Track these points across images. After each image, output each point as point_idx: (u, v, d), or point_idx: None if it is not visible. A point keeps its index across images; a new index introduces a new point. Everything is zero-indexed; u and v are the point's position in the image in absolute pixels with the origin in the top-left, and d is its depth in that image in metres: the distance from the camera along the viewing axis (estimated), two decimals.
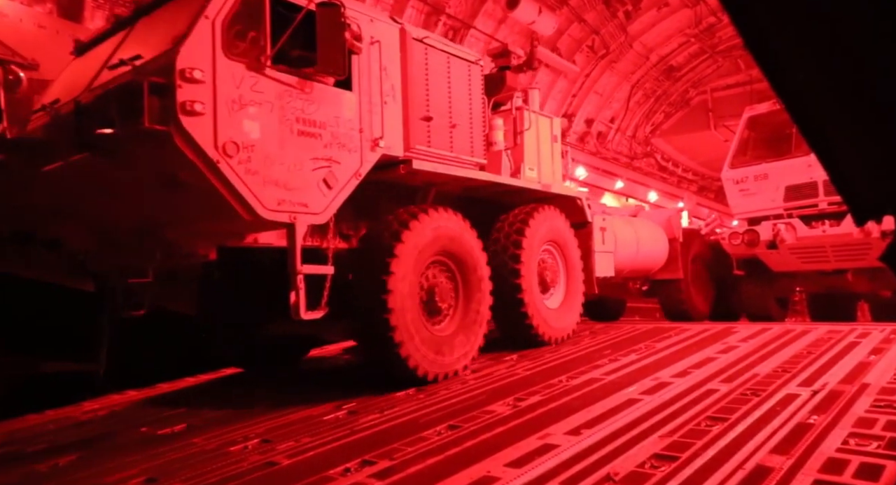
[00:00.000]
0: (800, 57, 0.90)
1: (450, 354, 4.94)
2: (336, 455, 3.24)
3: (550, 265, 6.56)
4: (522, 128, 6.61)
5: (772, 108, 8.97)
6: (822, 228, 8.07)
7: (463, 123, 5.55)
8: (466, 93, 5.67)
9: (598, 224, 7.50)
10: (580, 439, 3.16)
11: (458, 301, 5.20)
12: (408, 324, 4.54)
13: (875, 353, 4.89)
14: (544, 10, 12.83)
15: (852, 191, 1.02)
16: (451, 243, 5.06)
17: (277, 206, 3.98)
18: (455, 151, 5.43)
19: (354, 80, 4.54)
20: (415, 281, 4.70)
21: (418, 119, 5.04)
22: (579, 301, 6.84)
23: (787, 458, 2.71)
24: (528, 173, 6.57)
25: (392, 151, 4.81)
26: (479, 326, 5.27)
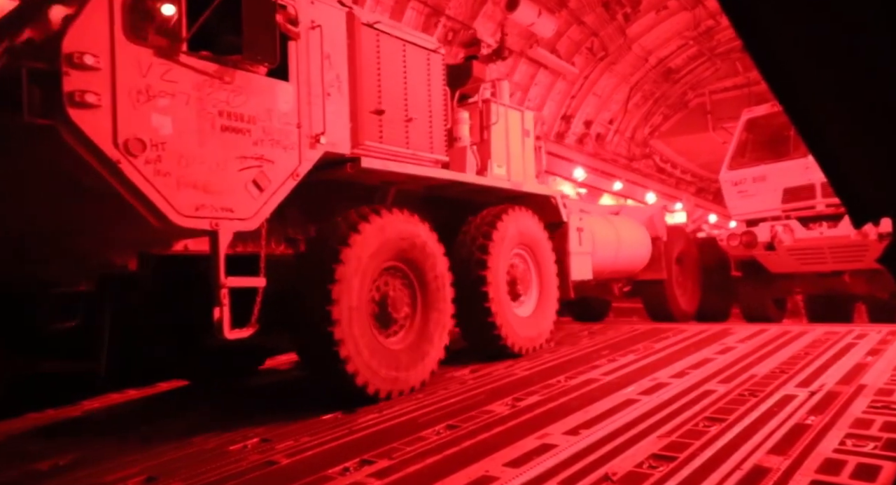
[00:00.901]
0: (799, 59, 0.91)
1: (405, 369, 4.53)
2: (335, 455, 3.25)
3: (521, 271, 6.14)
4: (489, 122, 6.11)
5: (770, 111, 8.99)
6: (819, 230, 8.10)
7: (421, 116, 5.08)
8: (425, 84, 5.17)
9: (574, 224, 7.08)
10: (578, 439, 3.18)
11: (416, 311, 4.79)
12: (356, 337, 4.15)
13: (872, 354, 4.91)
14: (544, 12, 12.85)
15: (850, 193, 1.03)
16: (407, 248, 4.66)
17: (195, 211, 3.52)
18: (412, 147, 4.98)
19: (291, 69, 4.08)
20: (365, 289, 4.30)
21: (368, 113, 4.59)
22: (553, 309, 6.42)
23: (785, 458, 2.72)
24: (496, 171, 6.13)
25: (337, 148, 4.37)
26: (439, 338, 4.87)
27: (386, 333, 4.57)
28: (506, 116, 6.37)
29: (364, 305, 4.29)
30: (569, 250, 6.91)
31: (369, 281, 4.37)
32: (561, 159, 16.32)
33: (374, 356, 4.29)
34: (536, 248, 6.29)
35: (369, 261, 4.34)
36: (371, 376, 4.23)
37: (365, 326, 4.27)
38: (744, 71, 17.92)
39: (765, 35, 0.87)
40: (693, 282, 9.84)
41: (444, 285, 4.99)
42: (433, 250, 4.91)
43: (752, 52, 0.90)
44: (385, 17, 5.32)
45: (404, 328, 4.72)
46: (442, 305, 4.95)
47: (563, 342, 6.56)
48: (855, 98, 0.94)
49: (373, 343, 4.32)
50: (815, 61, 0.91)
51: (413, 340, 4.70)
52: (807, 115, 0.96)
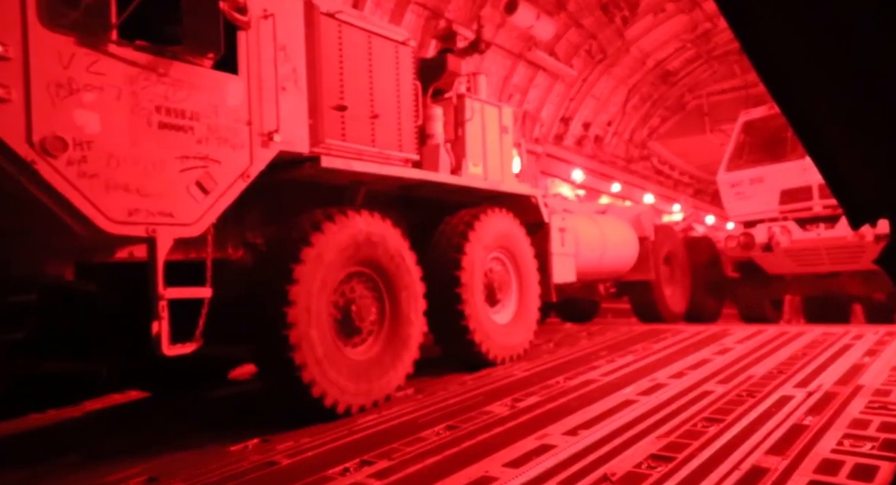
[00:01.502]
0: (796, 61, 0.93)
1: (369, 380, 4.21)
2: (335, 455, 3.25)
3: (500, 275, 5.81)
4: (464, 118, 5.78)
5: (767, 113, 9.03)
6: (816, 232, 8.13)
7: (388, 113, 4.78)
8: (393, 78, 4.86)
9: (556, 225, 6.75)
10: (578, 439, 3.19)
11: (384, 320, 4.48)
12: (314, 343, 3.85)
13: (869, 354, 4.93)
14: (542, 15, 12.88)
15: (848, 195, 1.04)
16: (375, 252, 4.37)
17: (128, 217, 3.21)
18: (378, 145, 4.67)
19: (241, 61, 3.76)
20: (326, 294, 4.00)
21: (329, 109, 4.29)
22: (534, 315, 6.10)
23: (783, 459, 2.73)
24: (471, 169, 5.80)
25: (293, 147, 4.06)
26: (408, 349, 4.56)
27: (349, 343, 4.25)
28: (482, 112, 6.03)
29: (325, 310, 3.98)
30: (551, 252, 6.63)
31: (332, 285, 4.07)
32: (559, 161, 16.36)
33: (335, 366, 3.97)
34: (516, 251, 5.98)
35: (332, 264, 4.04)
36: (329, 386, 3.91)
37: (325, 334, 3.97)
38: (741, 73, 18.00)
39: (762, 37, 0.89)
40: (682, 282, 9.63)
41: (415, 295, 4.68)
42: (404, 257, 4.60)
43: (749, 54, 0.91)
44: (348, 7, 4.88)
45: (370, 338, 4.40)
46: (412, 315, 4.63)
47: (562, 343, 6.58)
48: (852, 100, 0.95)
49: (334, 352, 4.01)
50: (813, 63, 0.93)
51: (379, 352, 4.39)
52: (804, 117, 0.97)
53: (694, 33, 16.64)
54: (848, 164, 1.04)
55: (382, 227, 4.47)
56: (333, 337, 4.08)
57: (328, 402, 3.91)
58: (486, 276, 5.63)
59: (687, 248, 9.86)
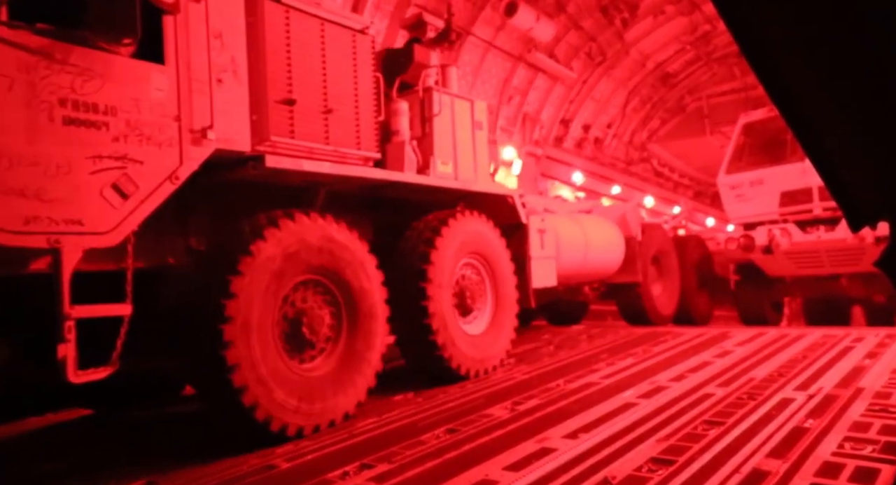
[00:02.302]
0: (795, 63, 0.92)
1: (324, 399, 3.86)
2: (335, 459, 3.25)
3: (473, 282, 5.41)
4: (431, 113, 5.37)
5: (767, 115, 9.04)
6: (816, 234, 8.13)
7: (344, 107, 4.38)
8: (349, 70, 4.45)
9: (535, 226, 6.34)
10: (578, 442, 3.18)
11: (341, 332, 4.13)
12: (256, 362, 3.50)
13: (870, 357, 4.92)
14: (542, 17, 12.90)
15: (848, 197, 1.04)
16: (330, 258, 4.02)
17: (25, 225, 2.82)
18: (333, 142, 4.28)
19: (168, 49, 3.36)
20: (272, 306, 3.65)
21: (275, 103, 3.93)
22: (511, 324, 5.69)
23: (783, 462, 2.73)
24: (440, 168, 5.37)
25: (232, 145, 3.67)
26: (368, 363, 4.22)
27: (300, 358, 3.89)
28: (452, 107, 5.58)
29: (271, 324, 3.63)
30: (529, 255, 6.23)
31: (278, 296, 3.71)
32: (559, 163, 16.37)
33: (283, 386, 3.62)
34: (491, 256, 5.57)
35: (279, 272, 3.69)
36: (276, 409, 3.55)
37: (271, 349, 3.62)
38: (741, 75, 18.02)
39: (761, 39, 0.88)
40: (671, 283, 9.30)
41: (375, 303, 4.31)
42: (363, 262, 4.24)
43: (747, 56, 0.91)
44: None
45: (325, 352, 4.03)
46: (373, 325, 4.27)
47: (562, 346, 6.57)
48: (852, 101, 0.95)
49: (281, 370, 3.66)
50: (812, 65, 0.92)
51: (336, 366, 4.03)
52: (803, 119, 0.97)
53: (694, 35, 16.66)
54: (847, 166, 1.03)
55: (338, 231, 4.11)
56: (281, 353, 3.70)
57: (275, 426, 3.55)
58: (458, 284, 5.25)
59: (677, 247, 9.56)
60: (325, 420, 3.86)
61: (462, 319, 5.25)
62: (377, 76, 4.74)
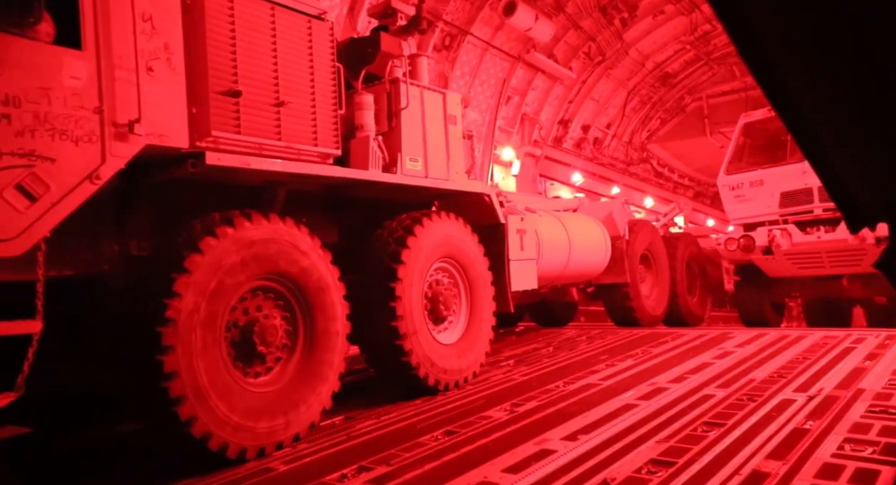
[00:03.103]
0: (793, 64, 0.91)
1: (273, 418, 3.52)
2: (333, 461, 3.24)
3: (446, 288, 5.08)
4: (398, 106, 4.99)
5: (767, 115, 9.02)
6: (817, 234, 8.11)
7: (299, 100, 4.05)
8: (305, 59, 4.12)
9: (514, 226, 6.01)
10: (577, 444, 3.17)
11: (297, 342, 3.82)
12: (199, 373, 3.20)
13: (870, 358, 4.91)
14: (541, 17, 12.89)
15: (846, 198, 1.03)
16: (285, 264, 3.71)
17: None
18: (286, 138, 3.96)
19: (86, 33, 3.04)
20: (221, 313, 3.36)
21: (218, 95, 3.58)
22: (488, 331, 5.37)
23: (783, 463, 2.72)
24: (408, 165, 5.00)
25: (166, 141, 3.33)
26: (324, 380, 3.88)
27: (250, 371, 3.58)
28: (421, 99, 5.20)
29: (217, 332, 3.33)
30: (508, 257, 5.89)
31: (227, 302, 3.41)
32: (558, 164, 16.36)
33: (227, 400, 3.31)
34: (465, 260, 5.23)
35: (229, 276, 3.40)
36: (218, 425, 3.24)
37: (217, 361, 3.31)
38: (741, 75, 18.01)
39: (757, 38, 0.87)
40: (661, 283, 8.98)
41: (334, 315, 3.99)
42: (321, 269, 3.94)
43: (743, 55, 0.90)
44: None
45: (278, 365, 3.72)
46: (332, 339, 3.95)
47: (562, 347, 6.56)
48: (849, 101, 0.94)
49: (227, 383, 3.34)
50: (809, 65, 0.91)
51: (290, 381, 3.72)
52: (800, 119, 0.96)
53: (693, 35, 16.65)
54: (845, 166, 1.02)
55: (295, 235, 3.81)
56: (228, 364, 3.40)
57: (214, 444, 3.22)
58: (430, 289, 4.93)
59: (667, 245, 9.22)
60: (272, 441, 3.51)
61: (434, 328, 4.91)
62: (337, 66, 4.35)
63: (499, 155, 14.43)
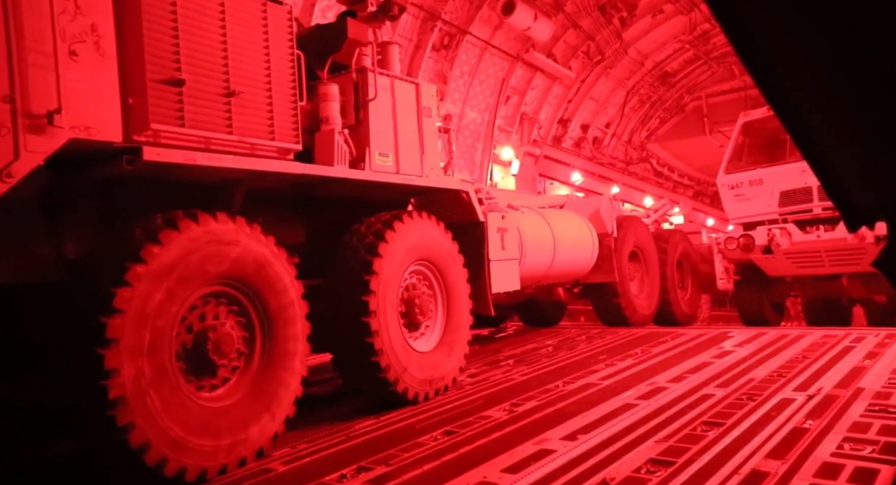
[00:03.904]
0: (789, 64, 0.91)
1: (233, 433, 3.24)
2: (332, 461, 3.24)
3: (422, 292, 4.78)
4: (366, 97, 4.63)
5: (766, 114, 9.01)
6: (816, 233, 8.11)
7: (253, 90, 3.72)
8: (259, 46, 3.78)
9: (494, 224, 5.72)
10: (576, 444, 3.17)
11: (254, 354, 3.53)
12: (146, 393, 2.89)
13: (870, 357, 4.90)
14: (540, 17, 12.89)
15: (844, 197, 1.03)
16: (240, 268, 3.42)
17: None
18: (238, 132, 3.61)
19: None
20: (168, 324, 3.04)
21: (157, 83, 3.21)
22: (464, 339, 5.05)
23: (783, 463, 2.71)
24: (377, 161, 4.63)
25: (95, 134, 2.98)
26: (286, 388, 3.61)
27: (204, 385, 3.29)
28: (392, 90, 4.84)
29: (164, 346, 3.02)
30: (488, 257, 5.60)
31: (177, 313, 3.11)
32: (558, 163, 16.36)
33: (181, 420, 3.02)
34: (442, 262, 4.92)
35: (177, 284, 3.09)
36: (173, 448, 2.97)
37: (165, 378, 3.01)
38: (740, 74, 18.02)
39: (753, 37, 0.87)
40: (651, 281, 8.68)
41: (294, 319, 3.71)
42: (280, 273, 3.65)
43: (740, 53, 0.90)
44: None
45: (234, 377, 3.42)
46: (292, 344, 3.67)
47: (561, 347, 6.55)
48: (847, 99, 0.93)
49: (179, 400, 3.05)
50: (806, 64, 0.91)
51: (248, 394, 3.42)
52: (798, 118, 0.95)
53: (692, 34, 16.66)
54: (843, 165, 1.02)
55: (251, 236, 3.51)
56: (178, 378, 3.09)
57: (170, 469, 2.95)
58: (406, 294, 4.65)
59: (658, 242, 8.95)
60: (233, 459, 3.26)
61: (410, 335, 4.62)
62: (297, 54, 4.03)
63: (498, 154, 14.43)
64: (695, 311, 9.80)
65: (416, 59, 12.09)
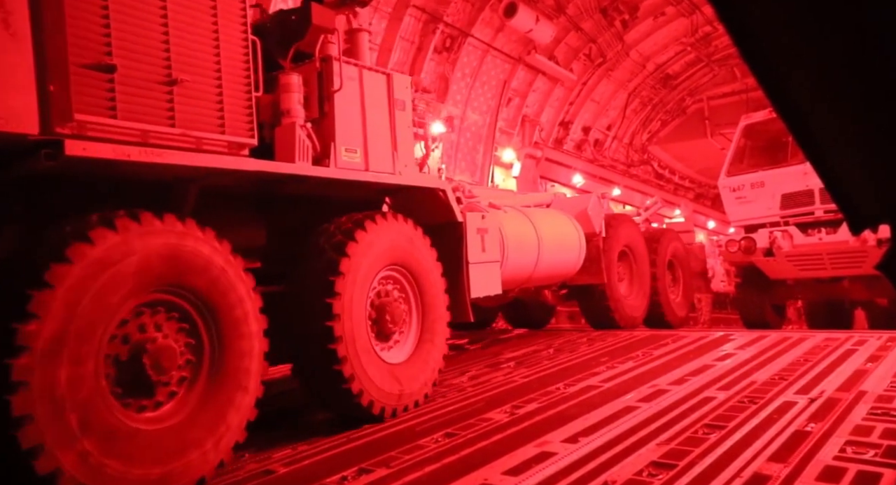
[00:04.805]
0: (793, 64, 0.91)
1: (169, 460, 2.88)
2: (333, 463, 3.23)
3: (394, 299, 4.45)
4: (331, 88, 4.27)
5: (768, 117, 9.01)
6: (818, 236, 8.10)
7: (200, 79, 3.38)
8: (207, 29, 3.43)
9: (473, 225, 5.37)
10: (578, 446, 3.16)
11: (202, 367, 3.17)
12: (58, 408, 2.53)
13: (872, 360, 4.89)
14: (542, 19, 12.91)
15: (848, 199, 1.02)
16: (183, 273, 3.06)
17: None
18: (182, 125, 3.28)
19: None
20: (98, 336, 2.70)
21: (82, 69, 2.88)
22: (440, 349, 4.69)
23: (785, 466, 2.70)
24: (343, 157, 4.28)
25: (3, 126, 2.66)
26: (236, 409, 3.22)
27: (138, 405, 2.91)
28: (360, 81, 4.47)
29: (90, 357, 2.65)
30: (467, 260, 5.24)
31: (109, 322, 2.76)
32: (559, 166, 16.38)
33: (101, 442, 2.63)
34: (417, 267, 4.58)
35: (110, 289, 2.74)
36: (90, 478, 2.56)
37: (93, 397, 2.64)
38: (741, 77, 18.03)
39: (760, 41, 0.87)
40: (642, 282, 8.37)
41: (250, 333, 3.36)
42: (233, 282, 3.29)
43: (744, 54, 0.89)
44: None
45: (177, 396, 3.06)
46: (246, 361, 3.32)
47: (562, 349, 6.55)
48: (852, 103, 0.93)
49: (102, 421, 2.65)
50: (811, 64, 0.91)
51: (190, 415, 3.05)
52: (802, 120, 0.95)
53: (694, 37, 16.67)
54: (847, 167, 1.02)
55: (197, 237, 3.16)
56: (107, 399, 2.72)
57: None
58: (377, 301, 4.31)
59: (648, 242, 8.63)
60: None
61: (380, 345, 4.29)
62: (253, 40, 3.70)
63: (499, 157, 14.45)
64: (686, 313, 9.55)
65: (417, 61, 12.12)
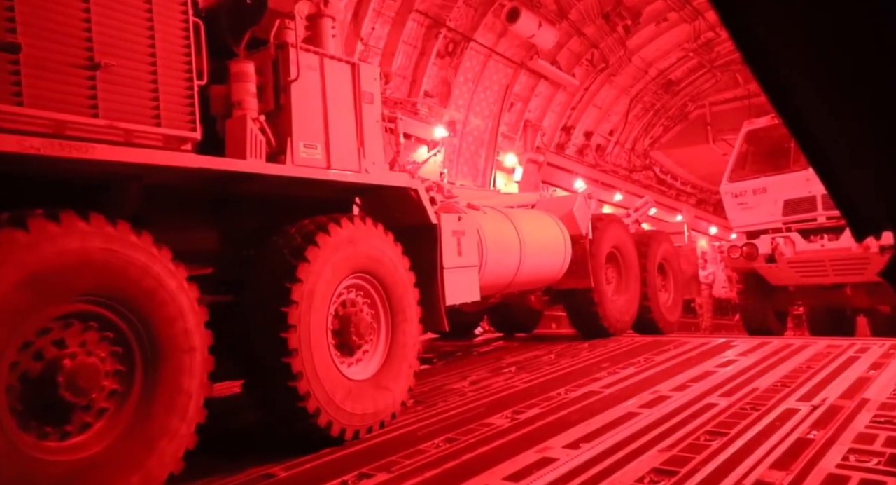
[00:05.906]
0: (799, 72, 0.91)
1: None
2: (333, 468, 3.23)
3: (360, 310, 4.07)
4: (287, 78, 3.87)
5: (770, 123, 9.02)
6: (820, 243, 8.09)
7: (130, 63, 3.03)
8: (138, 7, 3.08)
9: (449, 227, 4.99)
10: (579, 452, 3.15)
11: (132, 390, 2.81)
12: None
13: (874, 368, 4.87)
14: (544, 24, 12.93)
15: (850, 206, 1.02)
16: (113, 282, 2.73)
17: None
18: (106, 115, 2.93)
19: None
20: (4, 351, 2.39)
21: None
22: (410, 366, 4.34)
23: (787, 474, 2.69)
24: (302, 153, 3.90)
25: None
26: (170, 439, 2.87)
27: (53, 435, 2.55)
28: (321, 71, 4.09)
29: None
30: (441, 265, 4.86)
31: (13, 338, 2.43)
32: (561, 170, 16.38)
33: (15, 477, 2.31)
34: (389, 278, 4.23)
35: (19, 298, 2.41)
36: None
37: None
38: (744, 83, 18.03)
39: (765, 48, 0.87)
40: (631, 285, 7.96)
41: (191, 350, 3.01)
42: (172, 294, 2.95)
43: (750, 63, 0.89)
44: None
45: (105, 418, 2.72)
46: (186, 382, 2.97)
47: (563, 354, 6.53)
48: (855, 110, 0.93)
49: (10, 456, 2.32)
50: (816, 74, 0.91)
51: (114, 444, 2.69)
52: (805, 126, 0.95)
53: (696, 42, 16.69)
54: (851, 174, 1.01)
55: (130, 242, 2.82)
56: (5, 419, 2.37)
57: None
58: (341, 312, 3.95)
59: (638, 244, 8.28)
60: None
61: (343, 360, 3.91)
62: (195, 21, 3.36)
63: (501, 161, 14.46)
64: (678, 317, 9.24)
65: (420, 65, 12.14)
